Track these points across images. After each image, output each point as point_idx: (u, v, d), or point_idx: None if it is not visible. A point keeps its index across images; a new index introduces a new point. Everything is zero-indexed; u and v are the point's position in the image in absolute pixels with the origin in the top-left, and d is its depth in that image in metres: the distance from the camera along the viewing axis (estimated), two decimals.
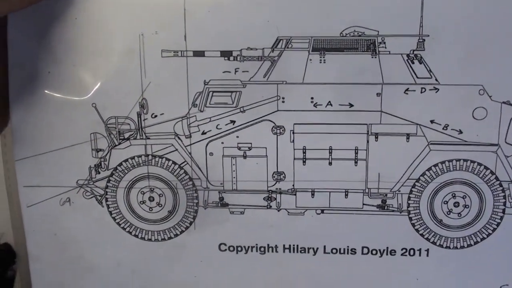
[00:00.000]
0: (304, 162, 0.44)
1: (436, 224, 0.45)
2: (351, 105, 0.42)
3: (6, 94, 0.44)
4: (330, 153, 0.44)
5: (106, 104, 0.43)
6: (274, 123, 0.43)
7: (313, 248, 0.46)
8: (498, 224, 0.44)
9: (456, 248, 0.45)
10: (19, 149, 0.45)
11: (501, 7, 0.40)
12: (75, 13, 0.42)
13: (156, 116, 0.44)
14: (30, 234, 0.47)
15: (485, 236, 0.45)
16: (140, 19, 0.42)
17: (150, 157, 0.45)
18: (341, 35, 0.41)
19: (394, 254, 0.45)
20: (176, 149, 0.44)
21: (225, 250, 0.46)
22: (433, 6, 0.40)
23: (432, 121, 0.42)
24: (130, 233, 0.47)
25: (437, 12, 0.41)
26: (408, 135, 0.43)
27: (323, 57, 0.42)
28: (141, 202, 0.46)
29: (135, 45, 0.42)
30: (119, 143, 0.45)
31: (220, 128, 0.44)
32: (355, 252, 0.46)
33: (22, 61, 0.44)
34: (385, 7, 0.41)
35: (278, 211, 0.45)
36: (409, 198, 0.44)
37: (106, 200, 0.46)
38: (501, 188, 0.43)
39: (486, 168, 0.43)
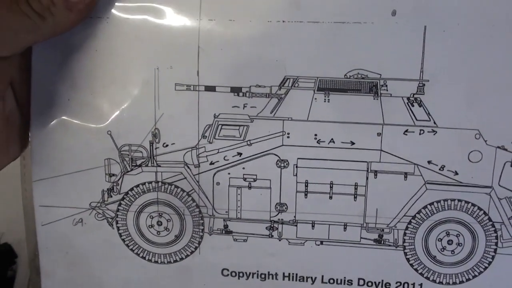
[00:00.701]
0: (306, 195, 0.46)
1: (430, 260, 0.46)
2: (352, 143, 0.44)
3: (28, 118, 0.46)
4: (331, 187, 0.45)
5: (121, 132, 0.46)
6: (278, 157, 0.45)
7: (312, 278, 0.48)
8: (489, 263, 0.46)
9: (449, 284, 0.47)
10: (37, 170, 0.47)
11: (499, 56, 0.42)
12: (96, 45, 0.45)
13: (167, 145, 0.46)
14: (43, 251, 0.49)
15: (477, 274, 0.46)
16: (156, 54, 0.44)
17: (160, 183, 0.47)
18: (345, 76, 0.43)
19: (389, 287, 0.47)
20: (185, 177, 0.47)
21: (228, 275, 0.48)
22: (433, 53, 0.42)
23: (429, 162, 0.44)
24: (138, 255, 0.49)
25: (437, 59, 0.42)
26: (406, 174, 0.45)
27: (328, 97, 0.44)
28: (150, 226, 0.48)
29: (150, 77, 0.45)
30: (131, 169, 0.47)
31: (228, 160, 0.46)
32: (352, 283, 0.47)
33: (43, 88, 0.46)
34: (388, 52, 0.43)
35: (280, 240, 0.47)
36: (405, 234, 0.46)
37: (117, 223, 0.48)
38: (493, 228, 0.45)
39: (479, 208, 0.45)
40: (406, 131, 0.44)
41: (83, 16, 0.42)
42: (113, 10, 0.44)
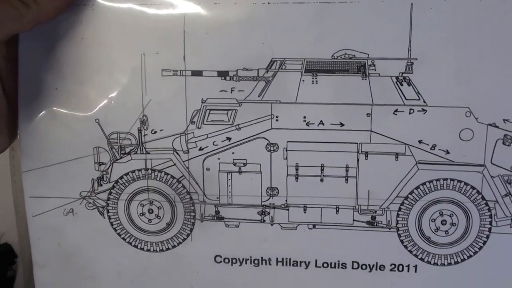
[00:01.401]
0: (296, 178, 0.45)
1: (424, 241, 0.46)
2: (342, 125, 0.44)
3: (16, 109, 0.46)
4: (322, 170, 0.45)
5: (109, 120, 0.45)
6: (268, 140, 0.45)
7: (305, 262, 0.47)
8: (484, 243, 0.45)
9: (444, 265, 0.46)
10: (26, 161, 0.47)
11: (487, 32, 0.41)
12: (82, 33, 0.44)
13: (155, 132, 0.45)
14: (35, 242, 0.49)
15: (472, 254, 0.46)
16: (142, 40, 0.44)
17: (149, 171, 0.47)
18: (333, 57, 0.43)
19: (383, 270, 0.47)
20: (175, 164, 0.46)
21: (220, 262, 0.48)
22: (421, 31, 0.42)
23: (420, 141, 0.44)
24: (130, 243, 0.49)
25: (425, 37, 0.42)
26: (397, 155, 0.44)
27: (315, 78, 0.43)
28: (141, 214, 0.48)
29: (137, 64, 0.44)
30: (121, 157, 0.47)
31: (217, 145, 0.46)
32: (346, 267, 0.47)
33: (31, 78, 0.46)
34: (375, 31, 0.42)
35: (272, 225, 0.47)
36: (397, 215, 0.46)
37: (108, 212, 0.48)
38: (487, 207, 0.45)
39: (472, 187, 0.44)
40: (396, 110, 0.43)
41: (67, 3, 0.42)
42: None
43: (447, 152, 0.44)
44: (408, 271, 0.46)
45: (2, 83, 0.45)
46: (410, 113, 0.43)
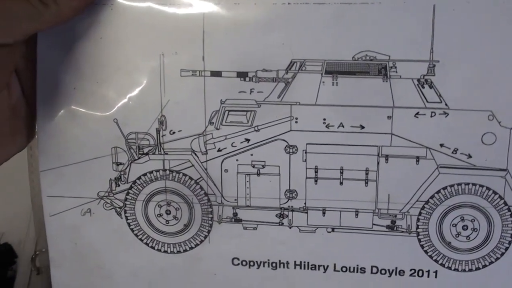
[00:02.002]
0: (316, 181, 0.45)
1: (444, 246, 0.45)
2: (362, 127, 0.43)
3: (34, 108, 0.46)
4: (341, 173, 0.45)
5: (127, 120, 0.45)
6: (287, 142, 0.45)
7: (323, 266, 0.47)
8: (506, 249, 0.45)
9: (464, 271, 0.46)
10: (44, 161, 0.47)
11: (509, 33, 0.41)
12: (101, 33, 0.44)
13: (174, 132, 0.45)
14: (52, 242, 0.49)
15: (493, 260, 0.45)
16: (161, 40, 0.44)
17: (167, 172, 0.46)
18: (353, 59, 0.43)
19: (403, 275, 0.46)
20: (193, 165, 0.46)
21: (238, 264, 0.48)
22: (443, 33, 0.41)
23: (441, 145, 0.43)
24: (147, 244, 0.48)
25: (447, 39, 0.41)
26: (418, 158, 0.44)
27: (336, 80, 0.43)
28: (158, 215, 0.48)
29: (155, 64, 0.44)
30: (139, 158, 0.46)
31: (235, 146, 0.45)
32: (365, 271, 0.46)
33: (49, 77, 0.46)
34: (397, 33, 0.42)
35: (290, 228, 0.46)
36: (418, 219, 0.45)
37: (125, 212, 0.48)
38: (509, 212, 0.44)
39: (494, 192, 0.44)
40: (417, 113, 0.43)
41: (86, 3, 0.42)
42: None
43: (469, 156, 0.43)
44: (428, 276, 0.46)
45: (20, 82, 0.45)
46: (431, 116, 0.43)
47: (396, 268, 0.46)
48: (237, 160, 0.46)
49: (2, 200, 0.59)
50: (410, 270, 0.46)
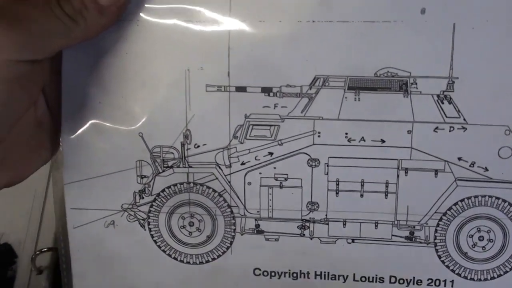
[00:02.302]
0: (337, 193, 0.46)
1: (461, 256, 0.47)
2: (383, 141, 0.45)
3: (58, 122, 0.47)
4: (362, 185, 0.46)
5: (152, 133, 0.46)
6: (309, 156, 0.46)
7: (343, 276, 0.48)
8: None
9: (480, 280, 0.47)
10: (69, 173, 0.48)
11: None
12: (126, 48, 0.45)
13: (198, 146, 0.46)
14: (75, 253, 0.50)
15: (508, 269, 0.47)
16: (187, 55, 0.45)
17: (191, 184, 0.47)
18: (375, 75, 0.44)
19: (420, 284, 0.47)
20: (217, 178, 0.47)
21: (259, 275, 0.49)
22: (462, 50, 0.43)
23: (459, 158, 0.44)
24: (170, 255, 0.49)
25: (466, 56, 0.43)
26: (436, 171, 0.45)
27: (358, 96, 0.44)
28: (182, 227, 0.49)
29: (181, 79, 0.45)
30: (163, 171, 0.47)
31: (259, 159, 0.46)
32: (383, 281, 0.48)
33: (74, 91, 0.46)
34: (418, 50, 0.43)
35: (311, 239, 0.47)
36: (436, 230, 0.46)
37: (149, 224, 0.48)
38: None
39: (510, 204, 0.45)
40: (436, 128, 0.44)
41: (114, 19, 0.43)
42: (143, 13, 0.45)
43: (486, 170, 0.44)
44: (445, 285, 0.47)
45: (45, 96, 0.46)
46: (450, 131, 0.44)
47: (414, 278, 0.47)
48: (260, 173, 0.47)
49: (2, 200, 0.59)
50: (428, 280, 0.47)
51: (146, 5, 0.44)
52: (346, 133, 0.45)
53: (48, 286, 0.62)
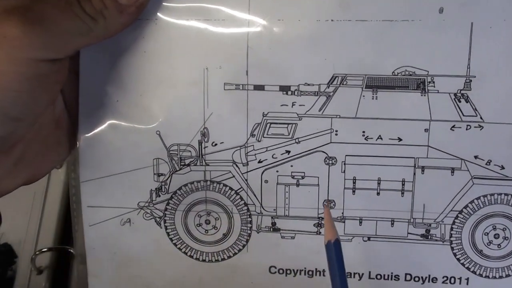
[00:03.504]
0: (353, 191, 0.46)
1: (476, 254, 0.47)
2: (400, 140, 0.45)
3: (76, 120, 0.47)
4: (379, 183, 0.46)
5: (170, 132, 0.46)
6: (327, 154, 0.46)
7: (359, 274, 0.48)
8: None
9: (495, 277, 0.47)
10: (85, 171, 0.48)
11: None
12: (144, 47, 0.45)
13: (216, 144, 0.46)
14: (91, 251, 0.50)
15: None
16: (205, 54, 0.45)
17: (208, 182, 0.47)
18: (393, 74, 0.44)
19: (436, 282, 0.48)
20: (234, 176, 0.47)
21: (275, 272, 0.49)
22: (480, 49, 0.43)
23: (476, 157, 0.45)
24: (186, 253, 0.49)
25: (484, 55, 0.43)
26: (453, 169, 0.45)
27: (376, 94, 0.44)
28: (198, 225, 0.49)
29: (199, 78, 0.45)
30: (180, 169, 0.47)
31: (276, 158, 0.46)
32: (399, 279, 0.48)
33: (92, 90, 0.46)
34: (435, 49, 0.43)
35: None
36: (451, 228, 0.47)
37: (165, 222, 0.49)
38: None
39: None
40: (453, 126, 0.44)
41: (133, 18, 0.43)
42: (161, 12, 0.45)
43: (502, 168, 0.45)
44: (460, 283, 0.47)
45: (63, 95, 0.46)
46: (467, 129, 0.44)
47: (429, 275, 0.48)
48: (277, 171, 0.47)
49: (2, 200, 0.59)
50: (443, 277, 0.48)
51: (164, 4, 0.45)
52: (363, 132, 0.45)
53: (48, 286, 0.62)
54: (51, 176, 0.69)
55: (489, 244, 0.47)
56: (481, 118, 0.44)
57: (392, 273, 0.48)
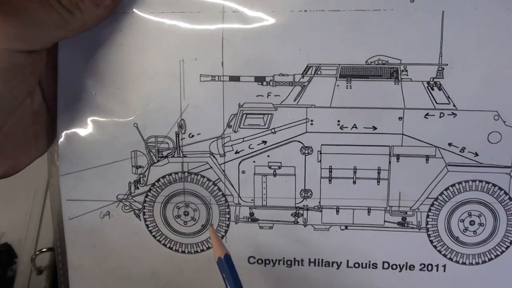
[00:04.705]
0: (330, 180, 0.47)
1: (452, 241, 0.47)
2: (374, 128, 0.45)
3: (54, 113, 0.47)
4: (355, 172, 0.47)
5: (147, 124, 0.47)
6: (302, 144, 0.46)
7: (337, 262, 0.49)
8: (511, 242, 0.47)
9: (472, 264, 0.48)
10: (64, 165, 0.48)
11: None
12: (121, 40, 0.46)
13: (193, 135, 0.47)
14: (71, 245, 0.50)
15: (499, 253, 0.47)
16: (181, 47, 0.45)
17: (186, 174, 0.48)
18: (367, 63, 0.45)
19: (413, 269, 0.48)
20: (211, 167, 0.48)
21: (254, 263, 0.49)
22: (451, 37, 0.44)
23: (450, 144, 0.45)
24: (165, 245, 0.50)
25: (455, 43, 0.44)
26: (427, 157, 0.46)
27: (350, 83, 0.45)
28: (177, 216, 0.49)
29: (175, 69, 0.46)
30: (158, 161, 0.48)
31: (252, 148, 0.47)
32: (376, 267, 0.48)
33: (70, 83, 0.47)
34: (408, 38, 0.44)
35: (305, 226, 0.48)
36: (427, 216, 0.47)
37: (144, 214, 0.49)
38: None
39: (500, 188, 0.46)
40: (427, 114, 0.45)
41: (110, 11, 0.43)
42: (138, 5, 0.45)
43: (476, 155, 0.45)
44: (437, 270, 0.48)
45: (41, 88, 0.46)
46: (440, 117, 0.45)
47: (407, 263, 0.48)
48: (254, 161, 0.47)
49: (2, 200, 0.59)
50: (420, 265, 0.48)
51: None
52: (338, 121, 0.46)
53: (48, 286, 0.62)
54: (51, 176, 0.69)
55: (465, 230, 0.47)
56: (454, 105, 0.45)
57: (369, 261, 0.48)
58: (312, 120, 0.46)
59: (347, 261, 0.48)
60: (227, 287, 0.42)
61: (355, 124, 0.45)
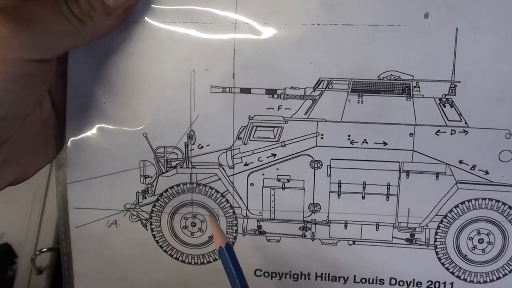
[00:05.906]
0: (339, 195, 0.47)
1: (461, 258, 0.47)
2: (385, 144, 0.45)
3: (63, 121, 0.47)
4: (364, 187, 0.46)
5: (156, 134, 0.46)
6: (312, 157, 0.46)
7: (344, 277, 0.48)
8: None
9: (479, 282, 0.47)
10: (72, 173, 0.48)
11: None
12: (132, 49, 0.45)
13: (202, 147, 0.47)
14: (77, 253, 0.50)
15: (508, 272, 0.47)
16: (192, 57, 0.45)
17: (194, 185, 0.48)
18: (379, 78, 0.44)
19: (420, 286, 0.48)
20: (220, 179, 0.47)
21: (260, 275, 0.49)
22: (465, 54, 0.43)
23: (460, 162, 0.45)
24: (172, 256, 0.49)
25: (468, 60, 0.43)
26: (437, 174, 0.45)
27: (361, 98, 0.45)
28: (184, 227, 0.49)
29: (186, 80, 0.45)
30: (166, 171, 0.47)
31: (262, 161, 0.47)
32: (383, 283, 0.48)
33: (79, 91, 0.47)
34: (420, 54, 0.44)
35: (312, 240, 0.48)
36: (436, 233, 0.47)
37: (151, 224, 0.49)
38: None
39: (510, 207, 0.46)
40: (438, 131, 0.45)
41: (121, 20, 0.43)
42: (149, 14, 0.45)
43: (486, 173, 0.45)
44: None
45: (51, 96, 0.46)
46: (451, 134, 0.44)
47: (414, 280, 0.48)
48: (263, 174, 0.47)
49: (2, 200, 0.59)
50: (427, 282, 0.48)
51: (152, 6, 0.45)
52: (349, 135, 0.45)
53: (48, 286, 0.62)
54: (51, 176, 0.69)
55: (473, 249, 0.47)
56: (465, 123, 0.44)
57: (377, 277, 0.48)
58: (322, 134, 0.45)
59: (354, 276, 0.48)
60: (228, 276, 0.41)
61: (365, 139, 0.45)
